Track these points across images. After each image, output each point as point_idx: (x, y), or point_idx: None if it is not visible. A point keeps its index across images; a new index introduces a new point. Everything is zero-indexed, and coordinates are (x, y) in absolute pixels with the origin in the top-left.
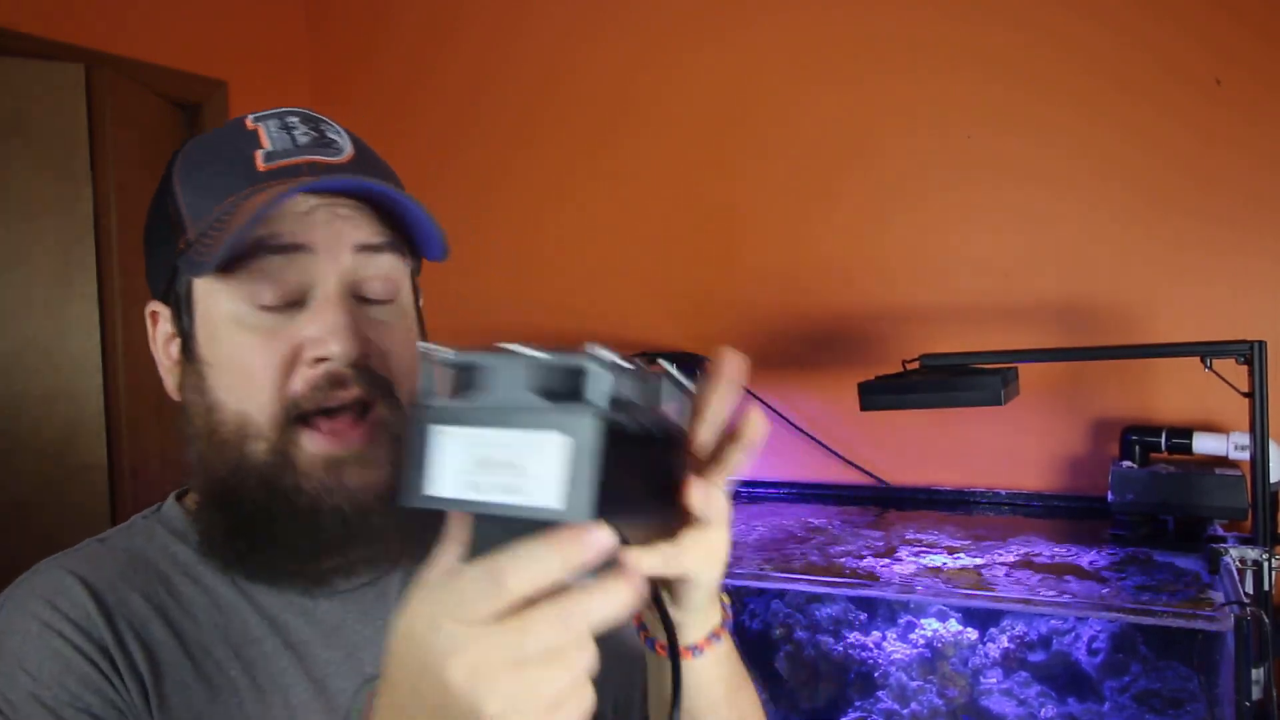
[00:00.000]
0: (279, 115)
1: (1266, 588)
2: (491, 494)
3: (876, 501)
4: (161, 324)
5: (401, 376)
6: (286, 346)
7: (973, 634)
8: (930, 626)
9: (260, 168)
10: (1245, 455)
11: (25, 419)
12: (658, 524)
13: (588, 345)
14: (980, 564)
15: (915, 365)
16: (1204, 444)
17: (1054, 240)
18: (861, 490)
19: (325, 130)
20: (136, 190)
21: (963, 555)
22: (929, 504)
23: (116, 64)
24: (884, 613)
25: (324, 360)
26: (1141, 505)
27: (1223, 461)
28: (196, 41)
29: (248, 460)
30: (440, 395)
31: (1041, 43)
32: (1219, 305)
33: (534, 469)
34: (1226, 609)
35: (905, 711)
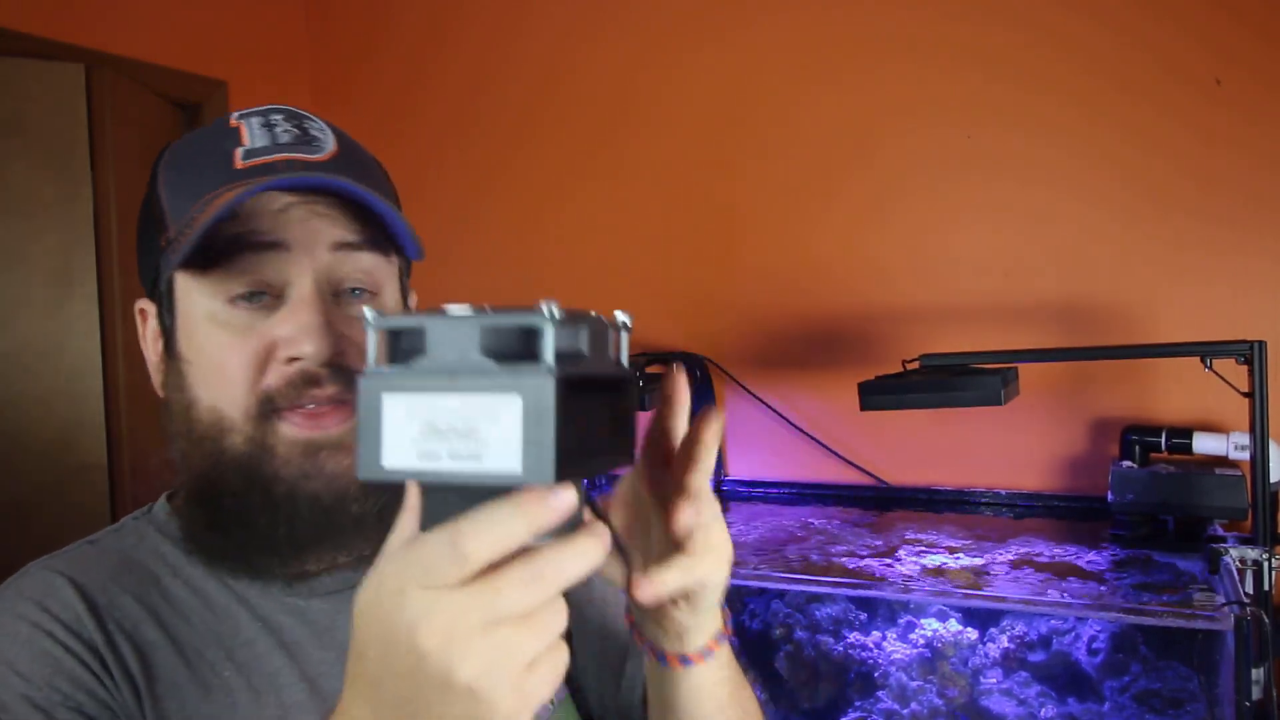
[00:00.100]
0: (263, 113)
1: (1266, 588)
2: (448, 462)
3: (876, 501)
4: (150, 322)
5: None
6: (260, 344)
7: (973, 634)
8: (930, 626)
9: (238, 165)
10: (1245, 455)
11: (25, 419)
12: (611, 463)
13: (540, 302)
14: (980, 564)
15: (915, 365)
16: (1204, 444)
17: (1054, 240)
18: (861, 490)
19: (309, 127)
20: (136, 190)
21: (963, 555)
22: (929, 504)
23: (116, 64)
24: (884, 613)
25: (297, 360)
26: (1141, 505)
27: (1223, 461)
28: (196, 41)
29: (226, 454)
30: (388, 363)
31: (1041, 42)
32: (1219, 305)
33: (490, 433)
34: (1226, 609)
35: (905, 711)
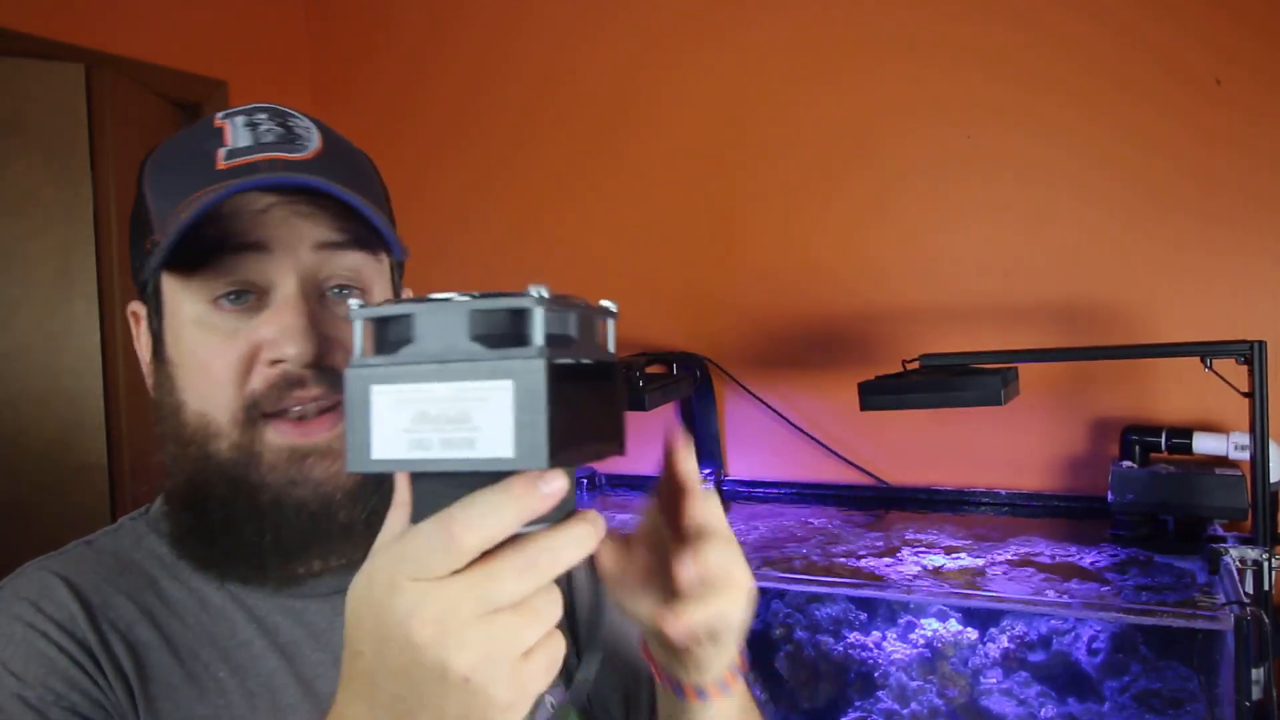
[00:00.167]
0: (248, 111)
1: (1266, 588)
2: (440, 450)
3: (876, 501)
4: (141, 324)
5: None
6: (245, 347)
7: (973, 634)
8: (930, 626)
9: (220, 166)
10: (1245, 455)
11: (25, 419)
12: (601, 451)
13: (529, 285)
14: (980, 564)
15: (915, 365)
16: (1204, 444)
17: (1054, 240)
18: (861, 490)
19: (293, 125)
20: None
21: (963, 555)
22: (929, 504)
23: (116, 64)
24: (884, 613)
25: (280, 362)
26: (1141, 505)
27: (1223, 461)
28: (196, 41)
29: (212, 459)
30: (374, 354)
31: (1041, 42)
32: (1219, 305)
33: (482, 419)
34: (1226, 609)
35: (905, 711)
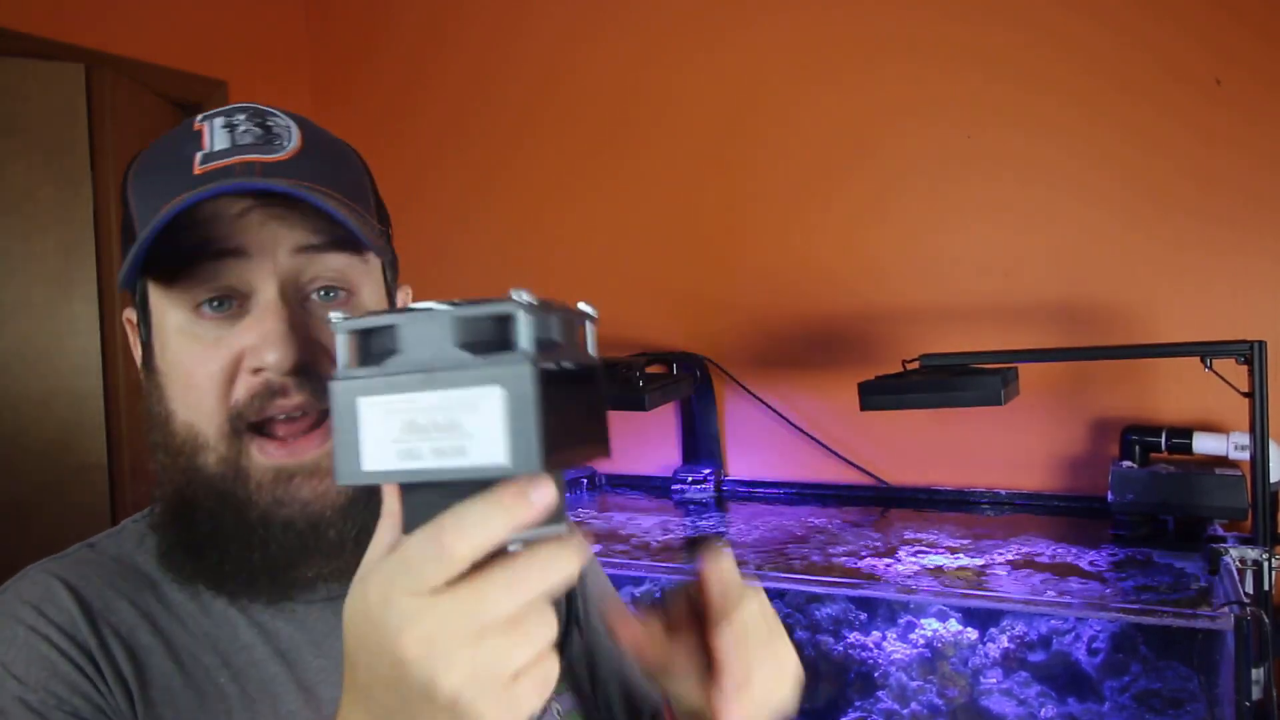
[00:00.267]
0: (227, 113)
1: (1266, 588)
2: (431, 459)
3: (876, 501)
4: (136, 332)
5: None
6: (228, 355)
7: (973, 634)
8: (930, 626)
9: (196, 170)
10: (1245, 455)
11: (25, 419)
12: (590, 454)
13: (512, 290)
14: (980, 564)
15: (915, 365)
16: (1204, 444)
17: (1054, 240)
18: (861, 490)
19: (272, 125)
20: None
21: (963, 555)
22: (929, 504)
23: (116, 64)
24: (884, 613)
25: (262, 370)
26: (1141, 505)
27: (1223, 461)
28: (196, 41)
29: (200, 472)
30: (360, 365)
31: (1041, 42)
32: (1219, 305)
33: (473, 427)
34: (1226, 609)
35: (905, 711)
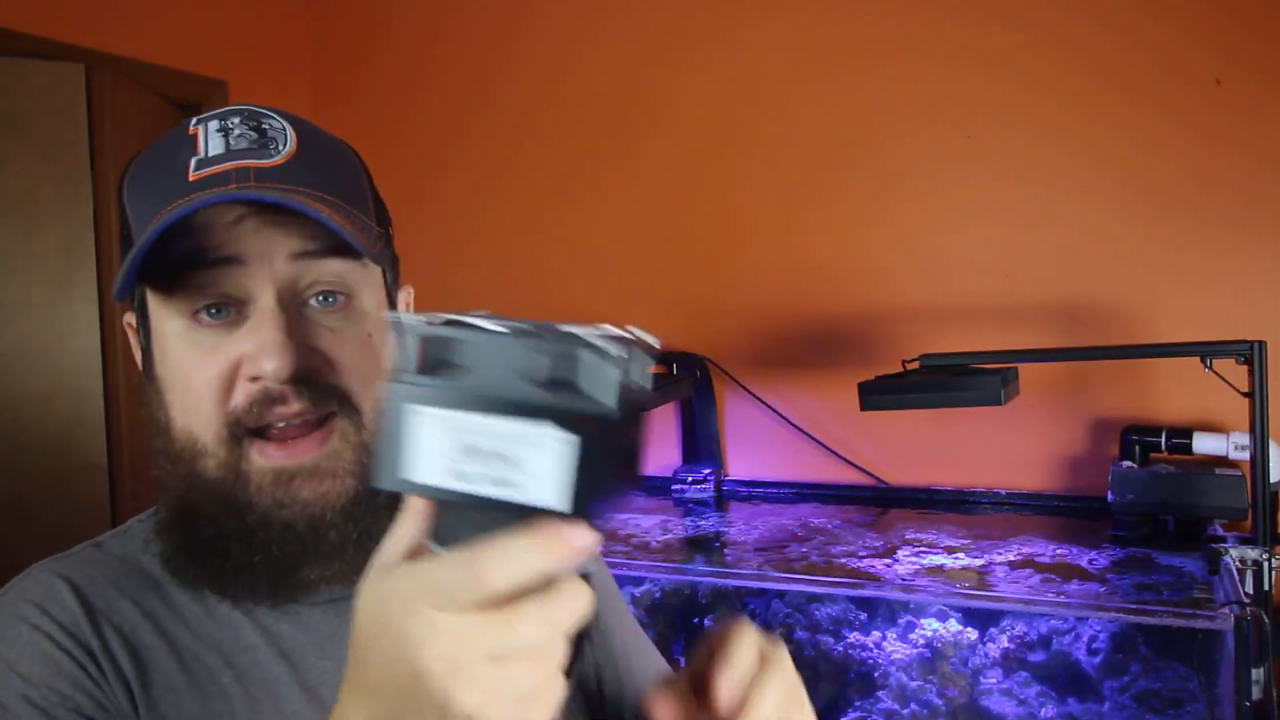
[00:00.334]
0: (221, 116)
1: (1266, 588)
2: (478, 484)
3: (876, 501)
4: (136, 337)
5: (357, 384)
6: (226, 362)
7: (973, 634)
8: (930, 626)
9: (190, 177)
10: (1245, 455)
11: (25, 419)
12: (628, 491)
13: (579, 327)
14: (980, 564)
15: (915, 365)
16: (1204, 444)
17: (1054, 240)
18: (861, 490)
19: (267, 128)
20: None
21: (963, 555)
22: (929, 504)
23: (116, 64)
24: (884, 613)
25: (259, 378)
26: (1141, 505)
27: (1223, 461)
28: (196, 41)
29: (200, 478)
30: (421, 371)
31: (1041, 42)
32: (1219, 305)
33: (535, 465)
34: (1226, 609)
35: (905, 711)
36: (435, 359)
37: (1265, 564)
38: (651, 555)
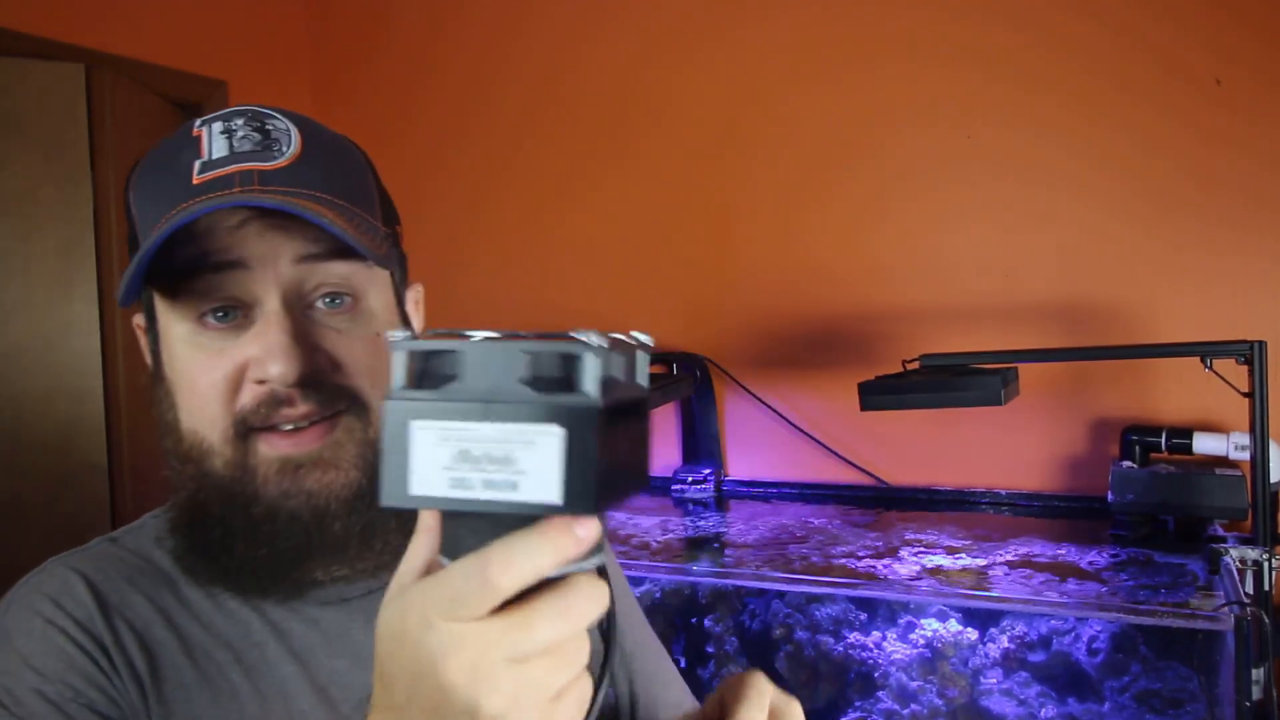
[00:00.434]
0: (225, 117)
1: (1266, 588)
2: (481, 490)
3: (876, 501)
4: (145, 338)
5: (365, 384)
6: (232, 365)
7: (973, 634)
8: (930, 627)
9: (194, 180)
10: (1245, 455)
11: (25, 419)
12: (634, 488)
13: (573, 330)
14: (980, 564)
15: (915, 365)
16: (1204, 444)
17: (1054, 240)
18: (861, 490)
19: (271, 129)
20: None
21: (963, 555)
22: (929, 504)
23: (116, 64)
24: (884, 613)
25: (266, 381)
26: (1141, 505)
27: (1223, 461)
28: (196, 41)
29: (208, 477)
30: (414, 386)
31: (1041, 42)
32: (1219, 305)
33: (529, 464)
34: (1226, 609)
35: (905, 711)
36: (425, 372)
37: (1265, 564)
38: (651, 555)
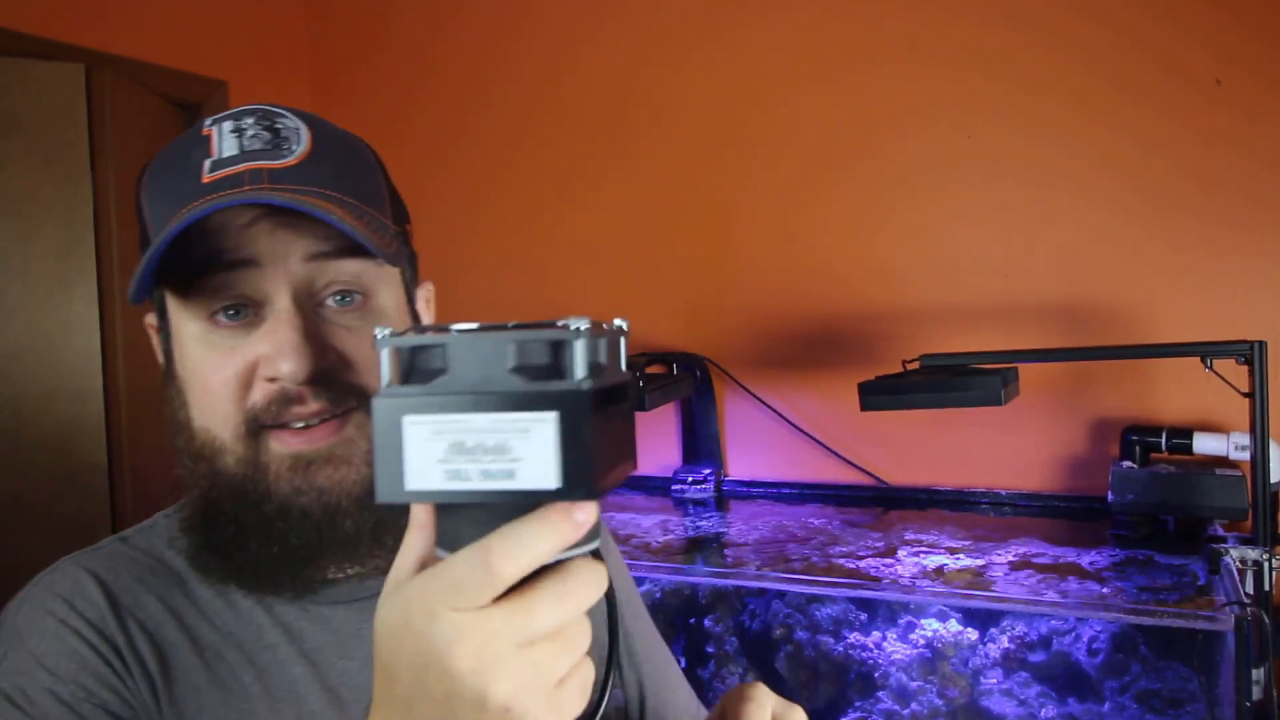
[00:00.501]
0: (235, 116)
1: (1266, 588)
2: (477, 480)
3: (876, 501)
4: (157, 337)
5: (375, 381)
6: (243, 363)
7: (973, 634)
8: (930, 627)
9: (204, 179)
10: (1245, 455)
11: (25, 419)
12: (625, 471)
13: (558, 319)
14: (980, 564)
15: (915, 365)
16: (1204, 444)
17: (1054, 240)
18: (861, 490)
19: (281, 128)
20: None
21: (963, 555)
22: (929, 504)
23: (116, 64)
24: (884, 613)
25: (277, 379)
26: (1142, 505)
27: (1223, 461)
28: (196, 41)
29: (221, 475)
30: (403, 383)
31: (1041, 42)
32: (1219, 305)
33: (524, 451)
34: (1226, 609)
35: (905, 712)
36: (413, 368)
37: (1265, 564)
38: (651, 555)
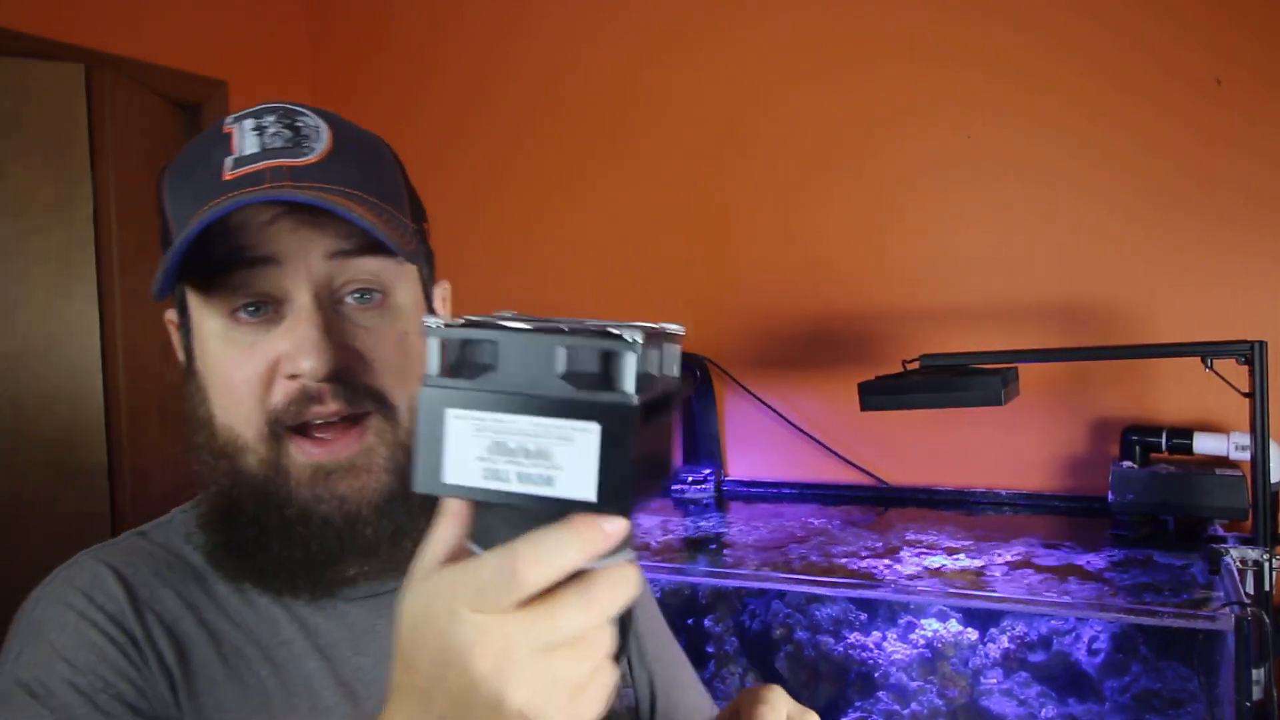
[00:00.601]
0: (256, 114)
1: (1266, 588)
2: (515, 483)
3: (876, 501)
4: (177, 333)
5: (392, 383)
6: (264, 361)
7: (973, 634)
8: (930, 627)
9: (226, 176)
10: (1246, 455)
11: (26, 419)
12: (662, 484)
13: (612, 324)
14: (980, 564)
15: (915, 365)
16: (1204, 444)
17: (1054, 240)
18: (861, 490)
19: (301, 126)
20: (136, 190)
21: (963, 555)
22: (929, 504)
23: (116, 64)
24: (884, 613)
25: (297, 376)
26: (1142, 505)
27: (1223, 462)
28: (196, 41)
29: (242, 474)
30: (449, 374)
31: (1041, 42)
32: (1219, 305)
33: (564, 459)
34: (1226, 609)
35: (905, 712)
36: (462, 360)
37: (1265, 564)
38: (651, 555)
